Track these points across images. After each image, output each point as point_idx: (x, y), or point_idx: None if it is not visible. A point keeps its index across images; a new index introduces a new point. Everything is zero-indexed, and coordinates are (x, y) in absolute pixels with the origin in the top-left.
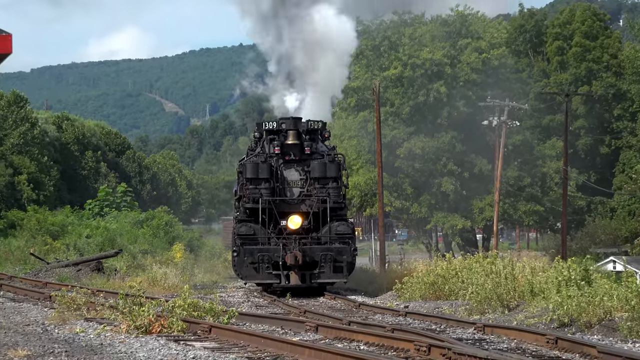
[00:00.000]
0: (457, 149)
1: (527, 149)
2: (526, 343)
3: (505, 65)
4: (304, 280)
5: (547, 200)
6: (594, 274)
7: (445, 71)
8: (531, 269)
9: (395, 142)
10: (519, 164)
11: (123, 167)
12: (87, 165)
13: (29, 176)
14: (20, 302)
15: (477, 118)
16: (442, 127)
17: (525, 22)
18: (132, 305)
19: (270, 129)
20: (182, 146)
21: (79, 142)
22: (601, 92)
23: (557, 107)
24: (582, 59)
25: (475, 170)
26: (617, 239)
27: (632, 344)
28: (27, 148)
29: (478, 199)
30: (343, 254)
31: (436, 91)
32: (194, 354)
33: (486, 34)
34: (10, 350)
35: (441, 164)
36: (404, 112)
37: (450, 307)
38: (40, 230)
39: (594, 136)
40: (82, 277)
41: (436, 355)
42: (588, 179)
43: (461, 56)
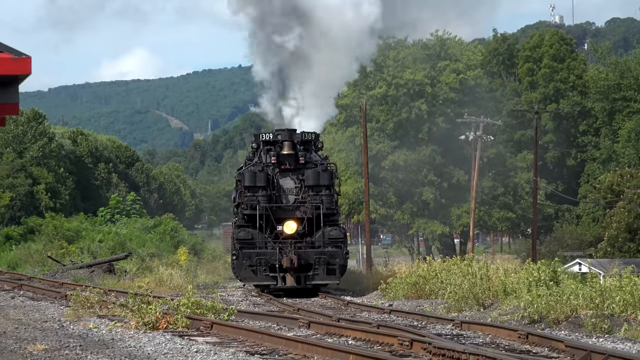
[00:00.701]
0: (436, 161)
1: (501, 161)
2: (500, 338)
3: (481, 85)
4: (299, 282)
5: (518, 208)
6: (561, 275)
7: (426, 90)
8: (504, 271)
9: (381, 155)
10: (493, 175)
11: (132, 177)
12: (99, 176)
13: (46, 186)
14: (39, 300)
15: (455, 133)
16: (423, 142)
17: (499, 46)
18: (141, 304)
19: (267, 140)
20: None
21: (92, 155)
22: (568, 109)
23: (528, 123)
24: (551, 79)
25: (453, 180)
26: (582, 243)
27: (596, 339)
28: (45, 160)
29: (456, 206)
30: (336, 257)
31: (418, 109)
32: (197, 348)
33: (463, 57)
34: (30, 344)
35: (422, 175)
36: (388, 127)
37: (431, 306)
38: (56, 235)
39: (562, 150)
40: (95, 277)
41: (418, 349)
42: (556, 189)
43: (440, 77)
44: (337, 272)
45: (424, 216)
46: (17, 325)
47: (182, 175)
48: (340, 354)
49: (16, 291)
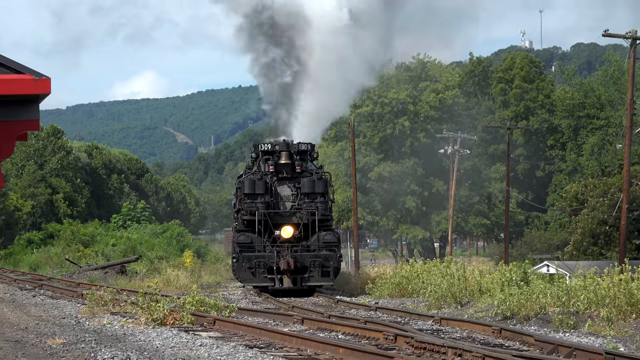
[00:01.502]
0: (418, 173)
1: (476, 173)
2: (475, 333)
3: (458, 103)
4: (295, 283)
5: (492, 215)
6: (531, 276)
7: (409, 108)
8: (479, 272)
9: (367, 167)
10: (469, 185)
11: (142, 187)
12: (112, 186)
13: (64, 195)
14: (58, 299)
15: (434, 147)
16: (406, 155)
17: (474, 68)
18: (150, 302)
19: (266, 150)
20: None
21: (106, 167)
22: (537, 126)
23: (501, 138)
24: (521, 98)
25: (433, 190)
26: (550, 247)
27: (562, 334)
28: (63, 172)
29: (435, 213)
30: (330, 260)
31: (401, 125)
32: (201, 342)
33: (442, 78)
34: (49, 338)
35: (405, 185)
36: (374, 142)
37: (413, 303)
38: (74, 239)
39: (531, 162)
40: (108, 278)
41: (401, 343)
42: (526, 198)
43: (421, 96)
44: (332, 274)
45: (406, 222)
46: (37, 321)
47: (187, 185)
48: (331, 347)
49: (37, 290)
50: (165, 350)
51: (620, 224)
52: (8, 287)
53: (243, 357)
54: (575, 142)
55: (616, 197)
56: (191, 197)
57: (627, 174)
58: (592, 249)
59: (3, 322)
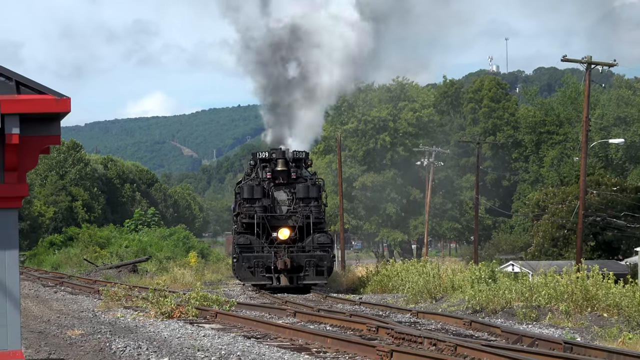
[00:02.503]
0: (397, 182)
1: (449, 182)
2: (448, 325)
3: (433, 121)
4: (291, 282)
5: (463, 220)
6: (497, 274)
7: (389, 125)
8: (452, 271)
9: (352, 177)
10: (442, 193)
11: (152, 195)
12: (125, 194)
13: (83, 202)
14: (77, 294)
15: (412, 160)
16: (387, 166)
17: (448, 89)
18: (159, 297)
19: (263, 158)
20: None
21: (120, 177)
22: (503, 140)
23: (471, 151)
24: (489, 116)
25: (411, 197)
26: (514, 248)
27: (526, 326)
28: (82, 181)
29: (413, 219)
30: (324, 260)
31: (382, 140)
32: (205, 333)
33: (419, 98)
34: (69, 330)
35: (386, 193)
36: (358, 155)
37: (393, 298)
38: (91, 241)
39: (498, 173)
40: (122, 276)
41: (382, 334)
42: (493, 205)
43: (400, 114)
44: (325, 273)
45: (387, 226)
46: (58, 314)
47: (192, 193)
48: (320, 338)
49: (58, 287)
50: (172, 340)
51: (577, 228)
52: (32, 284)
53: (242, 347)
54: (537, 155)
55: (573, 204)
56: (195, 204)
57: (583, 183)
58: (552, 250)
59: (28, 315)
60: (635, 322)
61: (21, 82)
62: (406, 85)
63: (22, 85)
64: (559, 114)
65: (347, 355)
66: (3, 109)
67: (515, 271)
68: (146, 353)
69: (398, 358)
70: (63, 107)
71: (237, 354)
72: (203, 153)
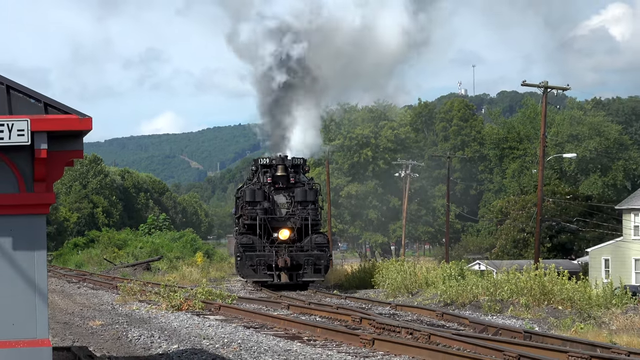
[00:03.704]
0: (378, 192)
1: (423, 192)
2: (423, 316)
3: (409, 137)
4: (291, 279)
5: (436, 224)
6: (466, 272)
7: (371, 141)
8: (426, 269)
9: (339, 187)
10: (418, 201)
11: (163, 203)
12: (140, 202)
13: (103, 208)
14: (97, 290)
15: (391, 172)
16: (369, 177)
17: (422, 110)
18: (169, 292)
19: (264, 164)
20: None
21: (135, 187)
22: (470, 155)
23: (442, 164)
24: (458, 134)
25: (390, 205)
26: (481, 249)
27: (490, 317)
28: (102, 190)
29: (392, 223)
30: (321, 258)
31: (365, 154)
32: (209, 323)
33: (397, 118)
34: (91, 321)
35: (368, 201)
36: (344, 167)
37: (375, 293)
38: (110, 243)
39: (466, 183)
40: (137, 274)
41: (365, 324)
42: (462, 211)
43: (381, 132)
44: (322, 270)
45: (369, 230)
46: (81, 307)
47: (198, 201)
48: (310, 328)
49: (81, 283)
50: (181, 330)
51: (535, 231)
52: (58, 281)
53: (242, 335)
54: (500, 167)
55: (532, 211)
56: (201, 211)
57: (540, 192)
58: (514, 251)
59: (54, 307)
60: (586, 313)
61: (49, 103)
62: (386, 107)
63: (49, 106)
64: (519, 132)
65: (334, 343)
66: (33, 127)
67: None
68: (158, 341)
69: (379, 345)
70: (85, 126)
71: (237, 341)
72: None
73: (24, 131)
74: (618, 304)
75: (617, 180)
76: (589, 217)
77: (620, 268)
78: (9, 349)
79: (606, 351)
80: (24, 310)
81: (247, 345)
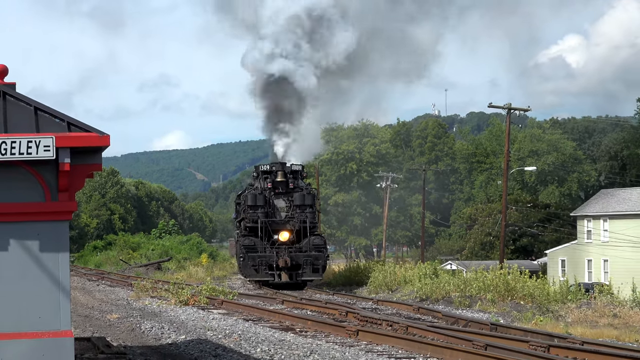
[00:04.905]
0: (362, 200)
1: (402, 200)
2: (401, 310)
3: (389, 153)
4: (291, 278)
5: (413, 229)
6: (439, 271)
7: (355, 156)
8: (404, 268)
9: (327, 196)
10: (397, 209)
11: (173, 210)
12: (152, 209)
13: (119, 215)
14: (114, 287)
15: (373, 183)
16: (354, 188)
17: (400, 129)
18: (178, 289)
19: (265, 170)
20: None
21: (148, 196)
22: (443, 168)
23: (418, 176)
24: (433, 149)
25: (372, 212)
26: (452, 251)
27: (461, 311)
28: (118, 199)
29: (374, 228)
30: (319, 259)
31: (350, 167)
32: (213, 317)
33: (378, 135)
34: (108, 314)
35: (353, 209)
36: (332, 179)
37: (359, 290)
38: (125, 246)
39: (439, 193)
40: (149, 273)
41: (350, 317)
42: (436, 217)
43: (364, 148)
44: (320, 270)
45: (354, 234)
46: (100, 302)
47: (203, 209)
48: (302, 320)
49: (100, 281)
50: (188, 322)
51: (500, 235)
52: (80, 279)
53: (242, 327)
54: (469, 179)
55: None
56: (206, 217)
57: (505, 201)
58: (481, 252)
59: (76, 302)
60: (545, 308)
61: (71, 122)
62: (369, 125)
63: (72, 125)
64: (486, 148)
65: (323, 334)
66: (57, 144)
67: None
68: (168, 332)
69: (362, 336)
70: (104, 142)
71: (238, 332)
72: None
73: (50, 147)
74: (573, 299)
75: (572, 191)
76: (547, 222)
77: (575, 268)
78: (36, 339)
79: (562, 341)
80: (49, 305)
81: (246, 335)
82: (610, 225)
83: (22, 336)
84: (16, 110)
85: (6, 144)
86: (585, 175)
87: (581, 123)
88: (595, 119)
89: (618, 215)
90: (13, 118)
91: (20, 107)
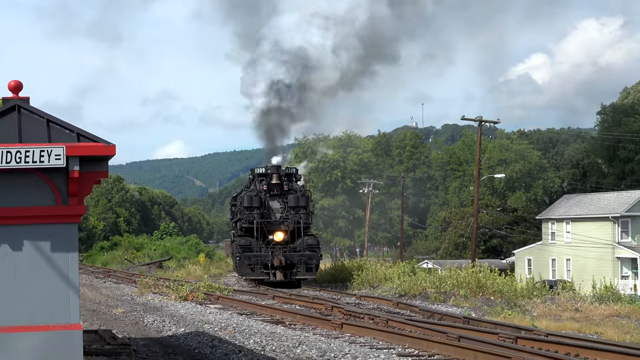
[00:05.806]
0: (346, 205)
1: (382, 205)
2: (382, 305)
3: (371, 161)
4: (285, 277)
5: (392, 231)
6: (417, 269)
7: (340, 164)
8: (385, 267)
9: (315, 201)
10: (378, 212)
11: (173, 213)
12: (154, 213)
13: (124, 218)
14: (119, 283)
15: (356, 188)
16: (339, 193)
17: (381, 139)
18: (178, 286)
19: (260, 173)
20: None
21: (150, 201)
22: (420, 175)
23: (398, 183)
24: (410, 158)
25: (355, 215)
26: (428, 251)
27: (436, 305)
28: (123, 204)
29: (357, 230)
30: (312, 258)
31: (335, 174)
32: (210, 311)
33: (361, 145)
34: (114, 309)
35: (338, 213)
36: (319, 185)
37: (343, 286)
38: (129, 246)
39: (417, 198)
40: (151, 271)
41: (336, 312)
42: (414, 220)
43: (348, 156)
44: (314, 269)
45: (339, 235)
46: (106, 298)
47: (201, 212)
48: (291, 314)
49: (106, 278)
50: (187, 316)
51: (472, 236)
52: (88, 276)
53: (236, 320)
54: (444, 185)
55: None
56: (204, 220)
57: (476, 205)
58: (455, 252)
59: (84, 298)
60: (513, 303)
61: (80, 133)
62: (352, 136)
63: (81, 135)
64: (459, 157)
65: (310, 327)
66: (68, 153)
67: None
68: (168, 325)
69: (347, 329)
70: (110, 151)
71: (233, 325)
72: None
73: (61, 156)
74: (538, 295)
75: (537, 196)
76: (515, 225)
77: (540, 266)
78: (48, 331)
79: (529, 333)
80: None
81: (240, 328)
82: (573, 228)
83: (35, 329)
84: (30, 122)
85: (21, 153)
86: (550, 182)
87: (546, 134)
88: (559, 131)
89: (580, 219)
90: (27, 129)
91: (34, 119)
